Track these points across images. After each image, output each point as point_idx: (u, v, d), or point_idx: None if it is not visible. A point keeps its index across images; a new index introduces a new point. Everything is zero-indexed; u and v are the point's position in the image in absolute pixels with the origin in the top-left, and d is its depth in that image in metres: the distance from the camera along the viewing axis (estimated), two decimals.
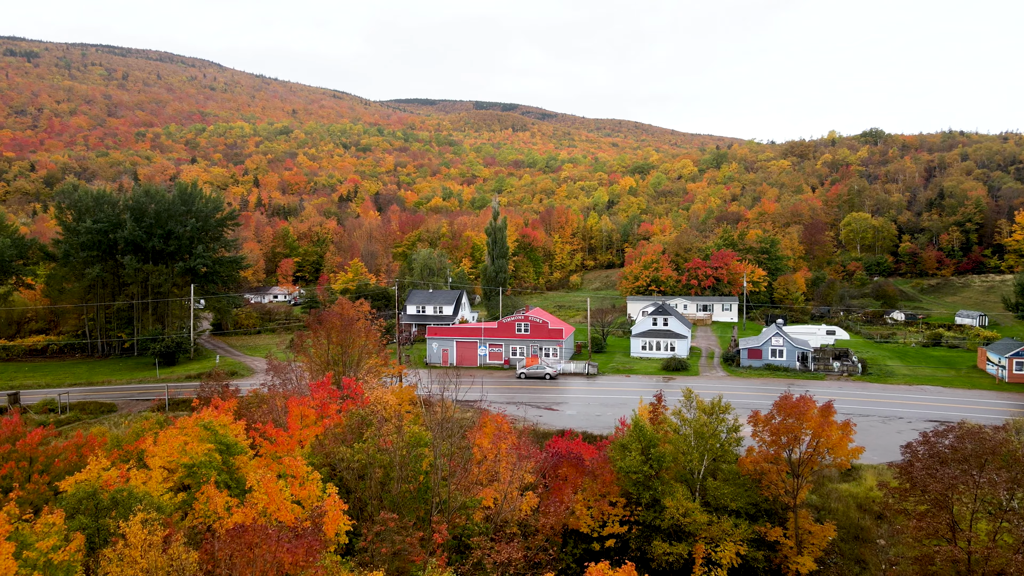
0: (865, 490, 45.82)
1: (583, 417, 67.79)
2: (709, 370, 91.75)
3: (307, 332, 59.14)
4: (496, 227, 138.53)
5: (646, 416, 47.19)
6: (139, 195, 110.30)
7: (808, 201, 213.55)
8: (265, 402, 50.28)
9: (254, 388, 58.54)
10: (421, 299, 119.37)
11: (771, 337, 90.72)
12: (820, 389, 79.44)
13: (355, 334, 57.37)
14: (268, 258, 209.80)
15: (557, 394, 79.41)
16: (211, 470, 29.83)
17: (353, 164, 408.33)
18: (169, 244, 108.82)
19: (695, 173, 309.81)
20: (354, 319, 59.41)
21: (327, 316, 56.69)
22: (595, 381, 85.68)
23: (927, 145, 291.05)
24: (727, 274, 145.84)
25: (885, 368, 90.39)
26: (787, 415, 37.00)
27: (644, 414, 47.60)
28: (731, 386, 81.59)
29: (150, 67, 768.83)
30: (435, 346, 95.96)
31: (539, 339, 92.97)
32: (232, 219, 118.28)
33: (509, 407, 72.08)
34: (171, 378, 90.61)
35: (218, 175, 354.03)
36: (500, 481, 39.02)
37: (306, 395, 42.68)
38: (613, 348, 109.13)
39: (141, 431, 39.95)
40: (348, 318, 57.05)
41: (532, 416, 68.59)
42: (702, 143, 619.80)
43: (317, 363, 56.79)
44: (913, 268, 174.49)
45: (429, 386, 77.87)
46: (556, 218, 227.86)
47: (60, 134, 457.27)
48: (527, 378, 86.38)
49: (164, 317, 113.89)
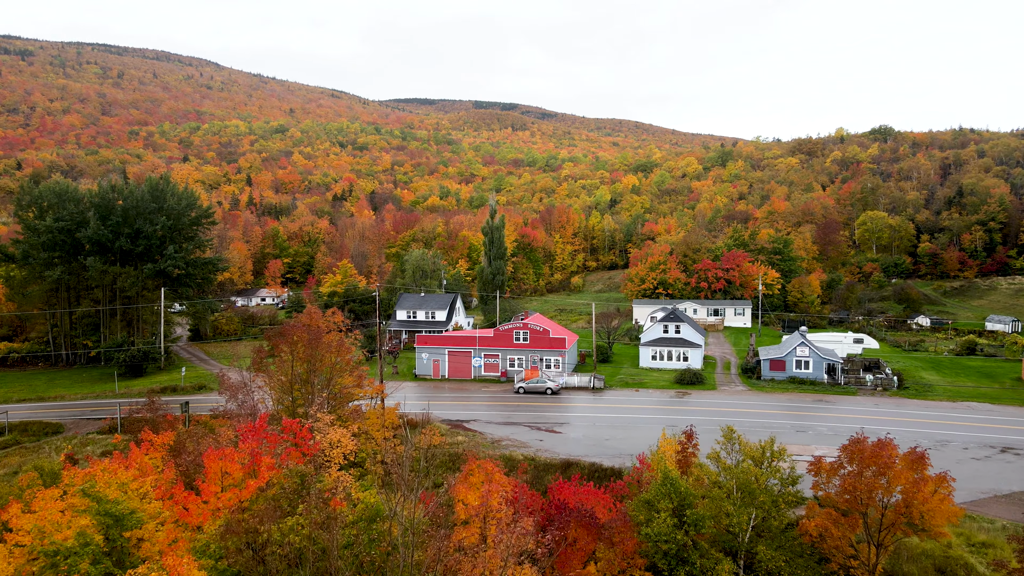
0: (942, 548, 37.11)
1: (590, 442, 59.16)
2: (727, 383, 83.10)
3: (273, 344, 50.46)
4: (493, 226, 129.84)
5: (671, 454, 38.55)
6: (105, 191, 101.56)
7: (820, 199, 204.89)
8: (214, 432, 41.79)
9: (224, 408, 50.13)
10: (412, 303, 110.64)
11: (795, 347, 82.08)
12: (853, 406, 70.86)
13: (324, 350, 48.75)
14: (257, 259, 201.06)
15: (560, 412, 70.82)
16: (83, 558, 21.32)
17: (349, 163, 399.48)
18: (138, 244, 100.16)
19: (700, 171, 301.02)
20: (324, 331, 50.82)
21: (289, 329, 48.05)
22: (602, 396, 77.07)
23: (938, 142, 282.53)
24: (739, 276, 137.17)
25: (921, 381, 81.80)
26: (862, 464, 28.40)
27: (668, 452, 38.95)
28: (754, 402, 72.99)
29: (146, 66, 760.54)
30: (425, 356, 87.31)
31: (539, 349, 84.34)
32: (207, 217, 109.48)
33: (505, 429, 63.53)
34: (131, 392, 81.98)
35: (210, 173, 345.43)
36: (489, 545, 30.42)
37: (271, 427, 34.24)
38: (620, 357, 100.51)
39: (12, 491, 31.17)
40: (316, 331, 48.39)
41: (532, 440, 60.01)
42: (703, 143, 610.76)
43: (279, 384, 48.21)
44: (933, 270, 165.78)
45: (417, 402, 70.01)
46: (557, 217, 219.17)
47: (52, 133, 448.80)
48: (526, 393, 77.75)
49: (135, 324, 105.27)
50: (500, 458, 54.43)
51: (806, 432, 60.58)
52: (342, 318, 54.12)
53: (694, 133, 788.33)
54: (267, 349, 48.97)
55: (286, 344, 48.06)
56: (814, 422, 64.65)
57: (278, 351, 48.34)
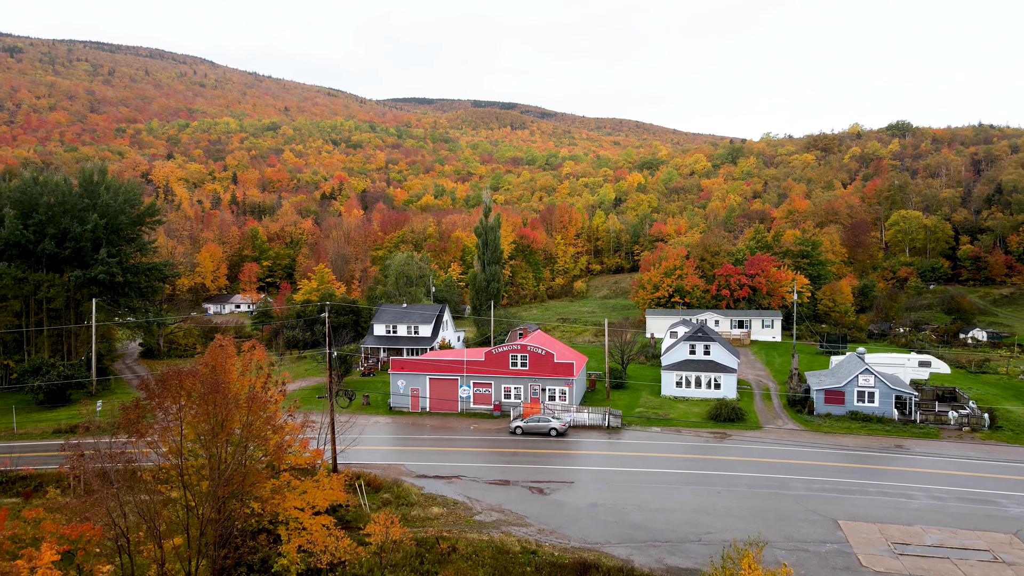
0: None
1: (610, 515, 43.62)
2: (772, 419, 67.47)
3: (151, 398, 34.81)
4: (488, 226, 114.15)
5: None
6: (27, 184, 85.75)
7: (844, 197, 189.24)
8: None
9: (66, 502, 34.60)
10: (392, 316, 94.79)
11: (857, 375, 66.47)
12: (942, 456, 55.02)
13: (232, 407, 33.18)
14: (234, 262, 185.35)
15: (567, 463, 55.31)
16: None
17: (342, 161, 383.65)
18: (65, 247, 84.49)
19: (709, 169, 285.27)
20: (235, 374, 35.38)
21: (172, 377, 32.37)
22: (619, 439, 61.49)
23: (959, 138, 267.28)
24: (765, 283, 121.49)
25: (1010, 416, 66.25)
26: None
27: None
28: (814, 450, 57.33)
29: (139, 63, 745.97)
30: (401, 384, 71.63)
31: (541, 376, 68.75)
32: (152, 215, 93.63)
33: (497, 492, 47.92)
34: (34, 432, 66.50)
35: (195, 171, 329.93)
36: None
37: None
38: (636, 381, 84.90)
39: None
40: (215, 382, 32.78)
41: (532, 511, 44.52)
42: (707, 142, 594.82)
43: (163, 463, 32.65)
44: (977, 275, 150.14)
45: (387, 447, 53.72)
46: (558, 217, 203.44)
47: (36, 130, 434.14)
48: (525, 434, 62.17)
49: (67, 340, 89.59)
50: (489, 548, 38.95)
51: (907, 503, 44.82)
52: (264, 355, 38.47)
53: (695, 133, 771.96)
54: (143, 404, 33.84)
55: (169, 396, 32.50)
56: (905, 482, 49.08)
57: (159, 407, 32.75)
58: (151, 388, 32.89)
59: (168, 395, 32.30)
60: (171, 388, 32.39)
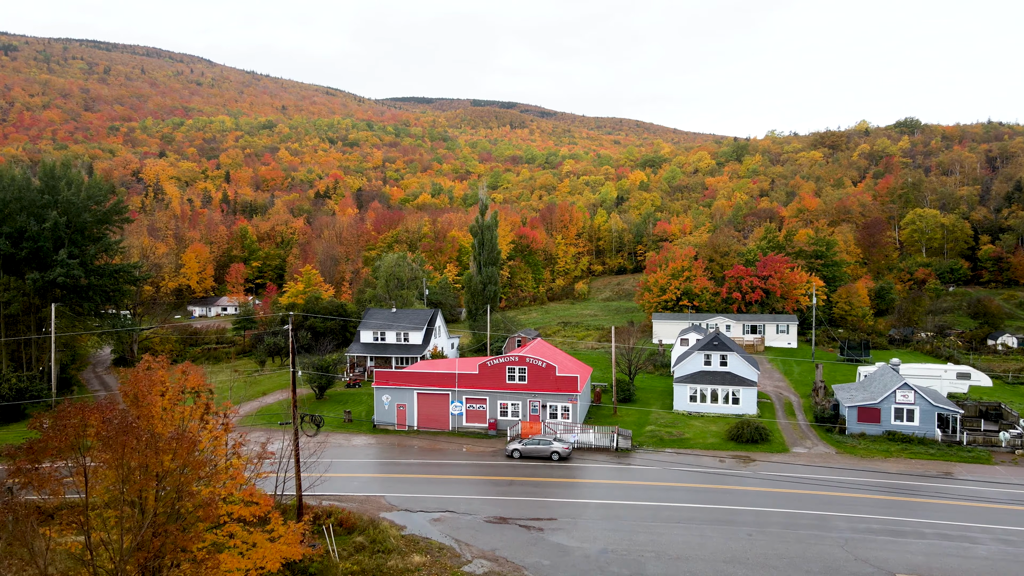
0: None
1: (622, 565, 36.57)
2: (800, 440, 60.41)
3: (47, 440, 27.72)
4: (484, 225, 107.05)
5: None
6: None
7: (856, 196, 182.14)
8: None
9: None
10: (380, 322, 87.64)
11: (895, 390, 59.40)
12: (999, 487, 47.59)
13: (149, 452, 26.05)
14: (222, 263, 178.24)
15: (571, 494, 48.29)
16: None
17: (338, 159, 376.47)
18: (21, 247, 77.42)
19: (713, 167, 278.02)
20: (157, 408, 28.36)
21: (73, 413, 25.29)
22: (630, 463, 54.46)
23: (969, 135, 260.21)
24: (780, 285, 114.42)
25: None
26: None
27: None
28: (852, 478, 50.22)
29: (135, 62, 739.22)
30: (386, 400, 64.55)
31: (542, 392, 61.69)
32: (119, 213, 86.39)
33: (489, 534, 40.85)
34: None
35: (187, 170, 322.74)
36: None
37: None
38: (645, 392, 77.88)
39: None
40: (124, 423, 25.66)
41: (530, 560, 37.51)
42: (707, 141, 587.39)
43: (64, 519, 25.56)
44: (999, 276, 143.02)
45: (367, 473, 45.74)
46: (558, 216, 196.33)
47: (28, 128, 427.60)
48: (523, 458, 55.11)
49: (26, 348, 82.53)
50: None
51: (972, 548, 37.52)
52: (200, 380, 31.38)
53: (696, 132, 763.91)
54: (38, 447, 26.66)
55: (66, 443, 25.39)
56: (963, 520, 42.00)
57: (52, 452, 25.64)
58: (40, 427, 25.85)
59: (64, 439, 25.22)
60: (69, 430, 25.32)
